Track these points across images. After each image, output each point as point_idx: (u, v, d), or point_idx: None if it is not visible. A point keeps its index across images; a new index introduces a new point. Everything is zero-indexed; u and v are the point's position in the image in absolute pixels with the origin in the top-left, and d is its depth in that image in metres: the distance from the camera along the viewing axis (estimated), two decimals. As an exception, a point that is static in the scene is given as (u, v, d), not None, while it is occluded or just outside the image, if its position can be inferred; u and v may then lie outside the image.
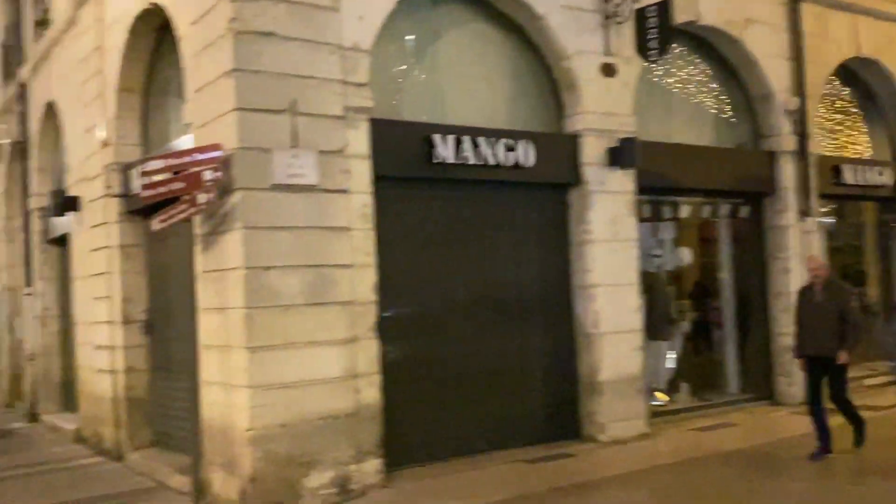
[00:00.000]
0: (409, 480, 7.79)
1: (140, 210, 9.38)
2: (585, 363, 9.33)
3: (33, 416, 13.61)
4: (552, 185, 9.33)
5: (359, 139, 7.69)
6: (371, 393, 7.59)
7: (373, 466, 7.54)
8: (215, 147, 7.01)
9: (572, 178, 9.32)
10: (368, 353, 7.62)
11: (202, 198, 6.98)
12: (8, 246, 15.90)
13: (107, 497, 8.24)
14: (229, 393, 7.22)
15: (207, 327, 7.54)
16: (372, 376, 7.63)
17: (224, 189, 7.11)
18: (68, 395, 12.99)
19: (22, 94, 13.98)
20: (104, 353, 10.15)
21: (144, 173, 7.48)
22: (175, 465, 8.61)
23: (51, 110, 12.80)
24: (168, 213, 7.42)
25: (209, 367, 7.53)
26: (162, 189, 7.37)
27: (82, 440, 11.18)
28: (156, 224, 7.62)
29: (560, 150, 9.28)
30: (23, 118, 13.97)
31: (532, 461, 8.47)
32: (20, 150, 14.19)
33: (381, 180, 7.87)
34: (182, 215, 7.21)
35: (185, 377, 7.77)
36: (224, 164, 7.00)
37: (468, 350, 8.70)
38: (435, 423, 8.40)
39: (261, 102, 7.12)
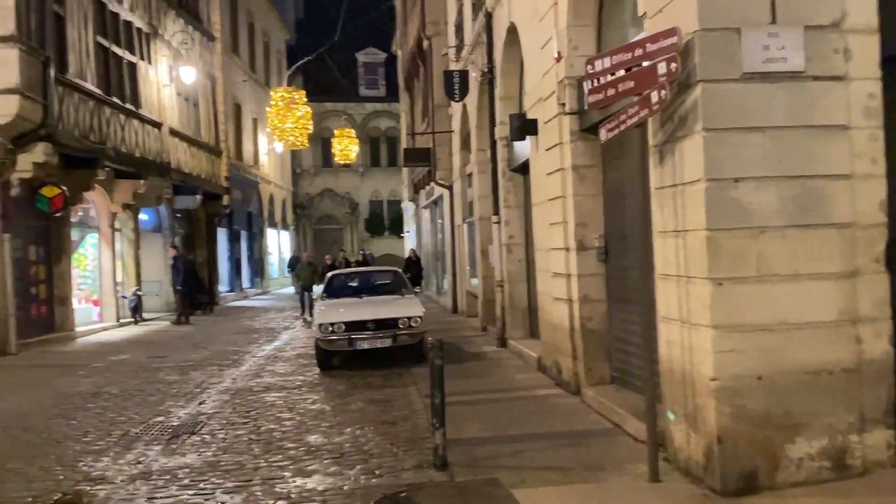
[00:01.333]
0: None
1: (594, 126, 8.50)
2: None
3: (502, 341, 13.89)
4: None
5: (862, 7, 5.77)
6: (879, 345, 5.76)
7: (880, 439, 5.76)
8: (670, 33, 5.71)
9: None
10: (874, 291, 5.79)
11: (655, 97, 5.76)
12: (480, 177, 16.45)
13: (562, 435, 7.65)
14: (689, 332, 6.00)
15: (663, 254, 6.38)
16: (879, 322, 5.79)
17: (682, 84, 5.81)
18: (532, 323, 12.95)
19: (488, 23, 14.05)
20: (560, 280, 9.60)
21: (590, 75, 6.48)
22: (632, 406, 7.71)
23: (512, 34, 12.57)
24: (617, 119, 6.35)
25: (666, 300, 6.38)
26: (610, 91, 6.31)
27: (543, 369, 10.93)
28: (603, 134, 6.61)
29: None
30: (489, 47, 14.06)
31: None
32: (488, 80, 14.35)
33: (894, 63, 5.86)
34: (632, 120, 6.08)
35: (641, 310, 6.73)
36: (681, 52, 5.67)
37: None
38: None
39: (727, -29, 5.62)
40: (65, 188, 16.44)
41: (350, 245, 49.30)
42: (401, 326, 12.19)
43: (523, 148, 12.27)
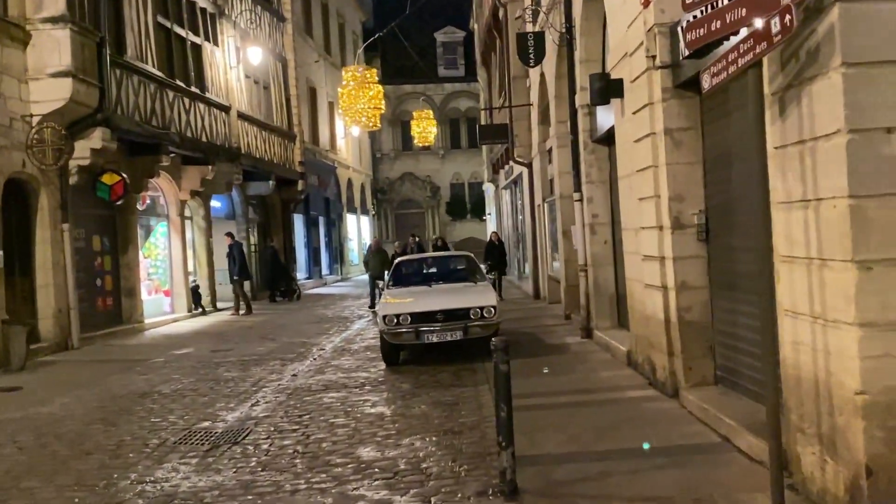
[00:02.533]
0: None
1: (691, 81, 7.14)
2: None
3: (587, 332, 12.57)
4: None
5: None
6: None
7: None
8: (796, -61, 4.33)
9: None
10: None
11: (776, 25, 4.39)
12: (560, 151, 15.11)
13: (659, 451, 6.35)
14: (825, 332, 4.65)
15: (787, 230, 5.03)
16: None
17: (811, 7, 4.43)
18: (621, 311, 11.61)
19: (564, -21, 12.68)
20: (653, 264, 8.25)
21: (687, 6, 5.14)
22: (744, 415, 6.37)
23: (592, -12, 11.21)
24: (725, 61, 4.99)
25: (791, 289, 5.03)
26: (715, 25, 4.95)
27: (634, 365, 9.61)
28: (706, 81, 5.25)
29: None
30: (567, 4, 12.68)
31: None
32: (567, 42, 12.98)
33: None
34: (746, 58, 4.71)
35: (755, 301, 5.38)
36: (812, -37, 4.30)
37: None
38: None
39: None
40: (125, 175, 15.84)
41: (431, 230, 48.38)
42: (472, 317, 11.02)
43: (607, 114, 10.90)
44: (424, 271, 13.54)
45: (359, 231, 39.85)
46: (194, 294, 20.44)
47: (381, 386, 10.11)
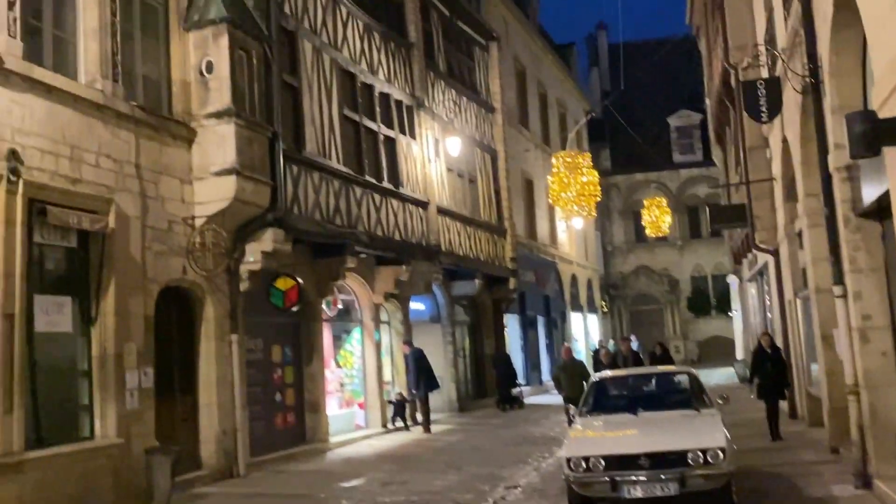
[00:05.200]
0: None
1: None
2: None
3: (864, 478, 9.00)
4: None
5: None
6: None
7: None
8: None
9: None
10: None
11: None
12: (812, 232, 11.77)
13: None
14: None
15: None
16: None
17: None
18: None
19: (805, 7, 9.70)
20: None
21: None
22: None
23: (843, 9, 8.20)
24: None
25: None
26: None
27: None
28: None
29: None
30: (810, 41, 9.66)
31: None
32: (812, 87, 9.92)
33: None
34: None
35: None
36: None
37: None
38: None
39: None
40: (300, 280, 14.40)
41: (671, 328, 44.30)
42: (692, 463, 7.96)
43: (876, 174, 7.71)
44: (629, 394, 10.52)
45: (585, 331, 36.83)
46: (397, 406, 18.56)
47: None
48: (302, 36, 15.32)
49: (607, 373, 12.06)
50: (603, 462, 8.16)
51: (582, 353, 34.18)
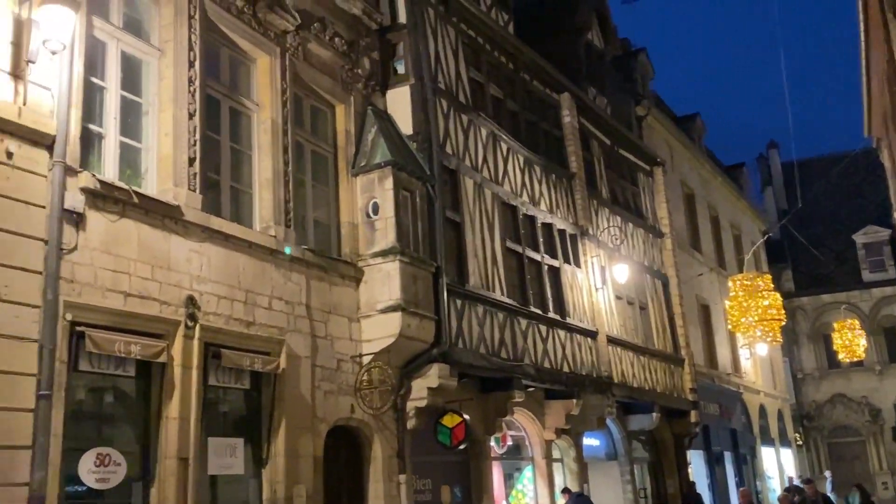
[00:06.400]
0: None
1: None
2: None
3: None
4: None
5: None
6: None
7: None
8: None
9: None
10: None
11: None
12: None
13: None
14: None
15: None
16: None
17: None
18: None
19: None
20: None
21: None
22: None
23: None
24: None
25: None
26: None
27: None
28: None
29: None
30: None
31: None
32: None
33: None
34: None
35: None
36: None
37: None
38: None
39: None
40: (466, 416, 14.07)
41: (875, 462, 40.19)
42: None
43: None
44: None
45: (779, 467, 33.93)
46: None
47: None
48: (463, 173, 15.61)
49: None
50: None
51: (776, 490, 31.36)
